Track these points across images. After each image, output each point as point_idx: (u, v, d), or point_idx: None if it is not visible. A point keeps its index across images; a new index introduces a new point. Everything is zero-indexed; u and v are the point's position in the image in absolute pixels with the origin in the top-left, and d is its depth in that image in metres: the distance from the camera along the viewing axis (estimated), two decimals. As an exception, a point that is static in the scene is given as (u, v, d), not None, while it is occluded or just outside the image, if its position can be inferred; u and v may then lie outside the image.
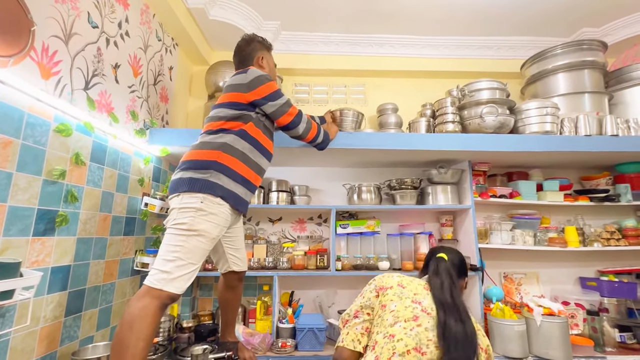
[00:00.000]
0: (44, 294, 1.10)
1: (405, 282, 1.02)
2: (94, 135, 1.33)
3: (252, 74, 1.33)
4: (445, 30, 2.35)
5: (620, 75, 2.17)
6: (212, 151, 1.24)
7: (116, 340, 1.02)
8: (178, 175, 1.23)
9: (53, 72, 1.13)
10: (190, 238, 1.14)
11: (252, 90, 1.30)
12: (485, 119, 1.92)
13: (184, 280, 1.11)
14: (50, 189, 1.11)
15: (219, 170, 1.21)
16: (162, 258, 1.12)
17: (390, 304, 0.95)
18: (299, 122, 1.41)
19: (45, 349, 1.10)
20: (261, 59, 1.51)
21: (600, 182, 2.19)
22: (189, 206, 1.16)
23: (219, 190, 1.20)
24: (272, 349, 1.68)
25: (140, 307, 1.04)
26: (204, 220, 1.16)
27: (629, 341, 1.72)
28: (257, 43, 1.53)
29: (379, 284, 1.03)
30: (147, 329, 1.02)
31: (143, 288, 1.08)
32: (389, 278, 1.04)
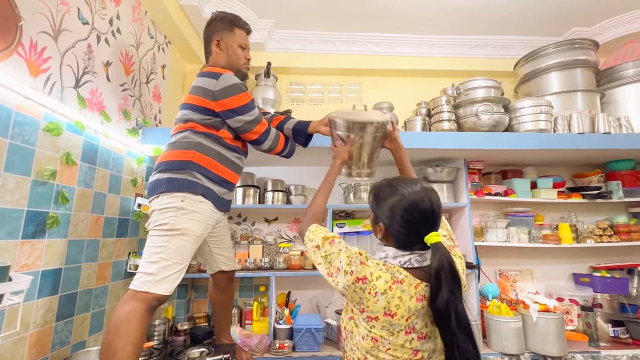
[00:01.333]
0: (34, 299, 1.06)
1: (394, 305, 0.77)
2: (85, 134, 1.29)
3: (222, 82, 1.20)
4: (439, 30, 2.36)
5: (611, 74, 2.20)
6: (188, 151, 1.20)
7: (104, 346, 1.00)
8: (155, 177, 1.20)
9: (42, 69, 1.10)
10: (173, 238, 1.12)
11: (217, 101, 1.20)
12: (480, 117, 1.93)
13: (170, 281, 1.09)
14: (39, 190, 1.08)
15: (196, 169, 1.19)
16: (146, 260, 1.10)
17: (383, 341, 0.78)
18: (264, 140, 1.31)
19: (35, 355, 1.06)
20: (217, 43, 1.34)
21: (593, 180, 2.22)
22: (169, 206, 1.14)
23: (199, 189, 1.18)
24: (269, 350, 1.66)
25: (127, 311, 1.02)
26: (186, 219, 1.14)
27: (622, 336, 1.75)
28: (217, 23, 1.35)
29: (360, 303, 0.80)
30: (135, 333, 1.00)
31: (128, 292, 1.06)
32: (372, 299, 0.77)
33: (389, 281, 0.78)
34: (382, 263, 0.82)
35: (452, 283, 0.74)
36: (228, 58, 1.35)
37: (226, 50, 1.34)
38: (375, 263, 0.82)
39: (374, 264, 0.82)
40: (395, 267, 0.81)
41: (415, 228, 0.81)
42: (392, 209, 0.83)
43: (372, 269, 0.81)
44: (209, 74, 1.24)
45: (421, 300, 0.78)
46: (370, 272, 0.80)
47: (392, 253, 0.84)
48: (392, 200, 0.84)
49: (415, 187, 0.84)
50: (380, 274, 0.80)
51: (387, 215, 0.85)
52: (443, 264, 0.75)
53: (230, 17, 1.37)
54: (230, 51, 1.35)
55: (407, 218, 0.81)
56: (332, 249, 0.88)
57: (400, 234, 0.83)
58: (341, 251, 0.87)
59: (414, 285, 0.79)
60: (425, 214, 0.81)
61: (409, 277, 0.79)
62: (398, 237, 0.84)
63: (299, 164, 2.23)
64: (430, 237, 0.79)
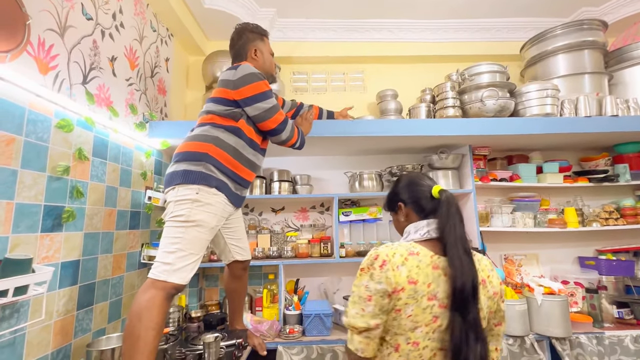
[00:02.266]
0: (56, 289, 1.12)
1: (414, 273, 0.83)
2: (94, 130, 1.32)
3: (241, 71, 1.28)
4: (442, 14, 2.32)
5: (621, 54, 2.15)
6: (204, 144, 1.24)
7: (127, 332, 1.04)
8: (172, 168, 1.24)
9: (51, 67, 1.12)
10: (189, 229, 1.15)
11: (237, 89, 1.27)
12: (485, 102, 1.91)
13: (187, 270, 1.13)
14: (55, 185, 1.11)
15: (211, 162, 1.22)
16: (164, 250, 1.13)
17: (406, 308, 0.82)
18: (282, 129, 1.35)
19: (60, 342, 1.12)
20: (254, 52, 1.46)
21: (599, 163, 2.20)
22: (185, 198, 1.17)
23: (213, 181, 1.21)
24: (280, 335, 1.72)
25: (147, 298, 1.06)
26: (201, 211, 1.18)
27: (627, 317, 1.77)
28: (249, 33, 1.47)
29: (388, 287, 0.82)
30: (155, 319, 1.04)
31: (147, 281, 1.11)
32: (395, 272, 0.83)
33: (404, 254, 0.87)
34: (394, 244, 0.91)
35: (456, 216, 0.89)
36: (264, 65, 1.47)
37: (262, 58, 1.47)
38: (385, 246, 0.90)
39: (384, 247, 0.89)
40: (410, 243, 0.90)
41: (423, 188, 0.99)
42: (405, 187, 1.03)
43: (385, 250, 0.88)
44: (230, 67, 1.34)
45: (437, 269, 0.85)
46: (385, 253, 0.87)
47: (413, 228, 0.96)
48: (402, 184, 1.04)
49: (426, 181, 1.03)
50: (394, 250, 0.87)
51: (403, 194, 1.02)
52: (449, 199, 0.91)
53: (259, 29, 1.50)
54: (266, 59, 1.49)
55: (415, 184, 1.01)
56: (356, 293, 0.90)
57: (415, 199, 0.99)
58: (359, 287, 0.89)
59: (429, 255, 0.87)
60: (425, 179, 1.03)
61: (423, 250, 0.88)
62: (415, 203, 0.99)
63: (304, 154, 2.25)
64: (435, 189, 0.96)
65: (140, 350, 1.00)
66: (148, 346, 1.01)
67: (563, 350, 1.59)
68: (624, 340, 1.64)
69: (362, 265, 0.89)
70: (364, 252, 2.03)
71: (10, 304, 0.93)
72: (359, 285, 0.87)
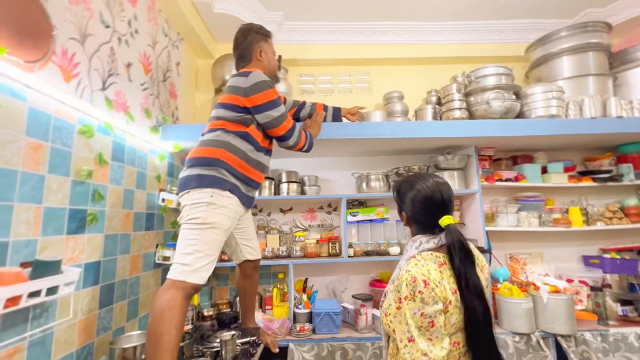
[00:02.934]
0: (80, 289, 1.16)
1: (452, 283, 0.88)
2: (113, 134, 1.36)
3: (252, 78, 1.31)
4: (448, 16, 2.34)
5: (625, 56, 2.18)
6: (216, 149, 1.28)
7: (151, 330, 1.09)
8: (186, 173, 1.28)
9: (73, 75, 1.16)
10: (205, 231, 1.20)
11: (249, 96, 1.31)
12: (491, 104, 1.94)
13: (205, 270, 1.18)
14: (78, 189, 1.16)
15: (223, 167, 1.27)
16: (182, 252, 1.18)
17: (451, 318, 0.86)
18: (290, 136, 1.41)
19: (84, 340, 1.17)
20: (259, 53, 1.48)
21: (604, 163, 2.23)
22: (200, 201, 1.21)
23: (226, 185, 1.26)
24: (291, 333, 1.76)
25: (168, 298, 1.11)
26: (216, 213, 1.22)
27: (631, 314, 1.81)
28: (254, 34, 1.48)
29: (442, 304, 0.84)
30: (177, 317, 1.09)
31: (167, 281, 1.15)
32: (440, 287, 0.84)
33: (437, 267, 0.89)
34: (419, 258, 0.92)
35: (462, 254, 0.89)
36: (268, 66, 1.50)
37: (266, 59, 1.50)
38: (414, 265, 0.88)
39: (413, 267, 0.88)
40: (433, 254, 0.93)
41: (431, 214, 0.97)
42: (412, 202, 0.99)
43: (419, 270, 0.87)
44: (241, 73, 1.36)
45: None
46: (420, 273, 0.86)
47: (425, 239, 0.97)
48: (411, 194, 1.00)
49: (428, 182, 0.99)
50: (427, 267, 0.88)
51: (408, 206, 1.00)
52: (454, 241, 0.91)
53: (264, 30, 1.52)
54: (270, 59, 1.52)
55: (424, 208, 0.98)
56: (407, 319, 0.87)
57: (420, 220, 0.99)
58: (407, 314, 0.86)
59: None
60: (437, 204, 0.96)
61: (446, 257, 0.92)
62: (420, 222, 0.99)
63: (312, 156, 2.29)
64: (443, 220, 0.94)
65: (164, 347, 1.05)
66: (171, 344, 1.06)
67: (568, 347, 1.63)
68: (629, 337, 1.68)
69: (404, 294, 0.85)
70: (371, 251, 2.07)
71: (40, 304, 0.97)
72: (413, 316, 0.83)
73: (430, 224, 0.96)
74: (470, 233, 2.10)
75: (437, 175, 1.03)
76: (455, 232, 0.92)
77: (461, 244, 0.90)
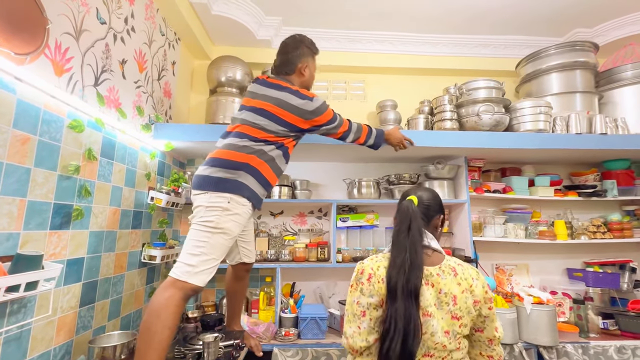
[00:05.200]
0: (61, 285, 1.14)
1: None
2: (103, 130, 1.35)
3: (316, 102, 1.37)
4: (443, 29, 2.40)
5: (610, 75, 2.25)
6: (247, 155, 1.29)
7: (144, 327, 1.08)
8: (206, 172, 1.27)
9: (65, 69, 1.15)
10: (215, 235, 1.20)
11: (310, 120, 1.37)
12: (482, 117, 1.98)
13: (207, 273, 1.18)
14: (65, 184, 1.14)
15: (249, 172, 1.27)
16: (188, 252, 1.17)
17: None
18: (347, 136, 1.53)
19: (63, 338, 1.14)
20: (304, 68, 1.48)
21: (589, 178, 2.29)
22: (216, 205, 1.21)
23: (246, 191, 1.26)
24: (276, 338, 1.75)
25: (167, 297, 1.10)
26: (229, 220, 1.23)
27: (611, 327, 1.84)
28: (305, 48, 1.50)
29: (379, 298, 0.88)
30: (172, 318, 1.08)
31: (169, 279, 1.15)
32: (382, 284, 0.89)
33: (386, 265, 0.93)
34: (378, 256, 0.98)
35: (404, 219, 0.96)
36: (307, 82, 1.52)
37: (308, 75, 1.51)
38: (370, 259, 0.97)
39: (369, 260, 0.96)
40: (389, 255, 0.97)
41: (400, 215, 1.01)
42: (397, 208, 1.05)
43: (370, 264, 0.94)
44: (304, 95, 1.37)
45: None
46: (370, 267, 0.93)
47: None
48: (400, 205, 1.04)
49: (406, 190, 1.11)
50: (378, 264, 0.94)
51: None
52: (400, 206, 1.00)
53: (314, 47, 1.54)
54: (310, 76, 1.53)
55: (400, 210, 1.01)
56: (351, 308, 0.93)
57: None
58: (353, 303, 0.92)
59: None
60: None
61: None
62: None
63: (304, 160, 2.30)
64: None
65: (155, 347, 1.04)
66: (162, 344, 1.05)
67: (550, 358, 1.65)
68: (608, 350, 1.70)
69: (351, 280, 0.94)
70: (360, 257, 2.07)
71: (18, 299, 0.95)
72: (351, 303, 0.91)
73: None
74: (458, 243, 2.13)
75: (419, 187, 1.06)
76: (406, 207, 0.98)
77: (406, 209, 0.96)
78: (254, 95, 1.40)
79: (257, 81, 1.45)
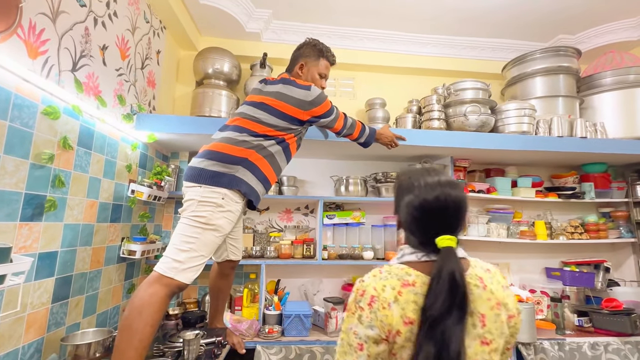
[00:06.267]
0: (32, 280, 1.08)
1: (410, 310, 0.66)
2: (81, 119, 1.29)
3: (314, 91, 1.35)
4: (433, 29, 2.41)
5: (591, 81, 2.32)
6: (246, 149, 1.26)
7: (125, 324, 1.03)
8: (202, 165, 1.22)
9: (40, 52, 1.09)
10: (206, 231, 1.16)
11: (309, 110, 1.35)
12: (468, 117, 2.01)
13: (194, 271, 1.14)
14: (37, 173, 1.08)
15: (247, 167, 1.24)
16: (176, 247, 1.13)
17: (402, 352, 0.66)
18: (342, 130, 1.53)
19: (32, 335, 1.09)
20: (300, 67, 1.49)
21: (568, 181, 2.36)
22: (210, 200, 1.18)
23: (244, 186, 1.23)
24: (259, 335, 1.73)
25: (151, 293, 1.06)
26: (221, 216, 1.19)
27: (586, 325, 1.90)
28: (308, 48, 1.50)
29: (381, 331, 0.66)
30: (155, 315, 1.04)
31: (153, 274, 1.10)
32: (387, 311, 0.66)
33: (397, 286, 0.68)
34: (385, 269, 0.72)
35: (446, 295, 0.64)
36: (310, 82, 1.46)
37: (306, 75, 1.49)
38: (373, 276, 0.72)
39: (372, 278, 0.72)
40: (404, 268, 0.72)
41: (424, 228, 0.74)
42: (407, 205, 0.76)
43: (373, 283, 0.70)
44: (302, 86, 1.36)
45: None
46: (372, 287, 0.69)
47: (409, 249, 0.77)
48: (407, 198, 0.76)
49: (432, 181, 0.74)
50: (384, 282, 0.69)
51: (402, 210, 0.78)
52: (442, 272, 0.66)
53: (321, 47, 1.51)
54: (309, 77, 1.49)
55: (416, 216, 0.74)
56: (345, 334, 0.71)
57: (412, 230, 0.76)
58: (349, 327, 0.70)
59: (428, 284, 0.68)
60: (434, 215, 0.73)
61: (420, 277, 0.69)
62: (411, 234, 0.77)
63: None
64: (441, 240, 0.70)
65: (135, 345, 1.00)
66: (143, 342, 1.01)
67: (528, 354, 1.69)
68: (582, 346, 1.76)
69: (349, 302, 0.72)
70: (345, 255, 2.07)
71: (-17, 294, 0.89)
72: (347, 331, 0.69)
73: (422, 242, 0.74)
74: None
75: (444, 174, 0.78)
76: (449, 260, 0.68)
77: (453, 280, 0.64)
78: (258, 92, 1.41)
79: (264, 81, 1.47)
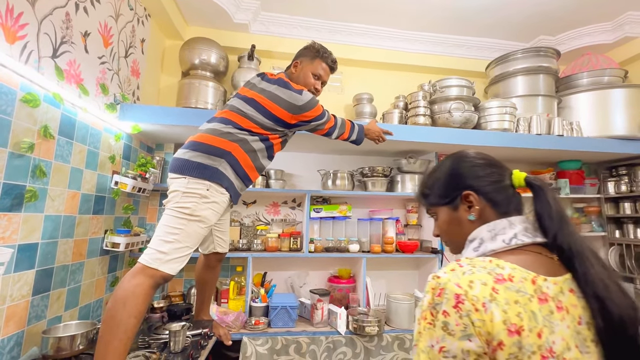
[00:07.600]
0: (11, 272, 1.05)
1: (515, 314, 0.48)
2: (62, 107, 1.25)
3: (305, 96, 1.36)
4: (421, 26, 2.45)
5: (569, 82, 2.42)
6: (231, 142, 1.26)
7: (108, 315, 1.03)
8: (186, 156, 1.22)
9: (19, 36, 1.05)
10: (191, 223, 1.16)
11: (298, 114, 1.36)
12: (453, 114, 2.06)
13: (179, 262, 1.13)
14: (16, 163, 1.05)
15: (230, 162, 1.24)
16: (160, 238, 1.12)
17: None
18: (332, 132, 1.53)
19: (12, 329, 1.06)
20: (295, 65, 1.51)
21: (546, 177, 2.46)
22: (194, 192, 1.17)
23: (225, 181, 1.23)
24: (245, 327, 1.74)
25: (135, 284, 1.05)
26: (206, 207, 1.19)
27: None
28: (306, 48, 1.53)
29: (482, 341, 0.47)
30: (139, 307, 1.04)
31: (138, 266, 1.09)
32: (484, 315, 0.48)
33: (489, 281, 0.50)
34: (465, 262, 0.54)
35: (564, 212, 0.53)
36: (297, 79, 1.49)
37: (299, 73, 1.49)
38: (451, 270, 0.53)
39: (449, 272, 0.53)
40: (489, 261, 0.54)
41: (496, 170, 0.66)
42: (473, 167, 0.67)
43: (455, 278, 0.51)
44: (296, 90, 1.36)
45: (546, 301, 0.50)
46: (455, 283, 0.50)
47: (488, 233, 0.60)
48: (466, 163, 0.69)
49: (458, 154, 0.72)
50: (470, 277, 0.51)
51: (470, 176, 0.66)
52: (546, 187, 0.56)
53: (318, 48, 1.52)
54: (302, 75, 1.49)
55: (485, 164, 0.67)
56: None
57: (495, 187, 0.64)
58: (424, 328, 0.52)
59: (530, 279, 0.51)
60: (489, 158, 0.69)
61: (517, 270, 0.52)
62: (496, 191, 0.64)
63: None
64: (516, 177, 0.62)
65: (119, 337, 0.99)
66: (127, 333, 1.01)
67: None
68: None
69: (422, 307, 0.53)
70: (332, 248, 2.10)
71: (-40, 286, 0.87)
72: (429, 350, 0.50)
73: (506, 185, 0.64)
74: (426, 235, 2.21)
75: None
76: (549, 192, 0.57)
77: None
78: (252, 86, 1.41)
79: (260, 75, 1.47)
